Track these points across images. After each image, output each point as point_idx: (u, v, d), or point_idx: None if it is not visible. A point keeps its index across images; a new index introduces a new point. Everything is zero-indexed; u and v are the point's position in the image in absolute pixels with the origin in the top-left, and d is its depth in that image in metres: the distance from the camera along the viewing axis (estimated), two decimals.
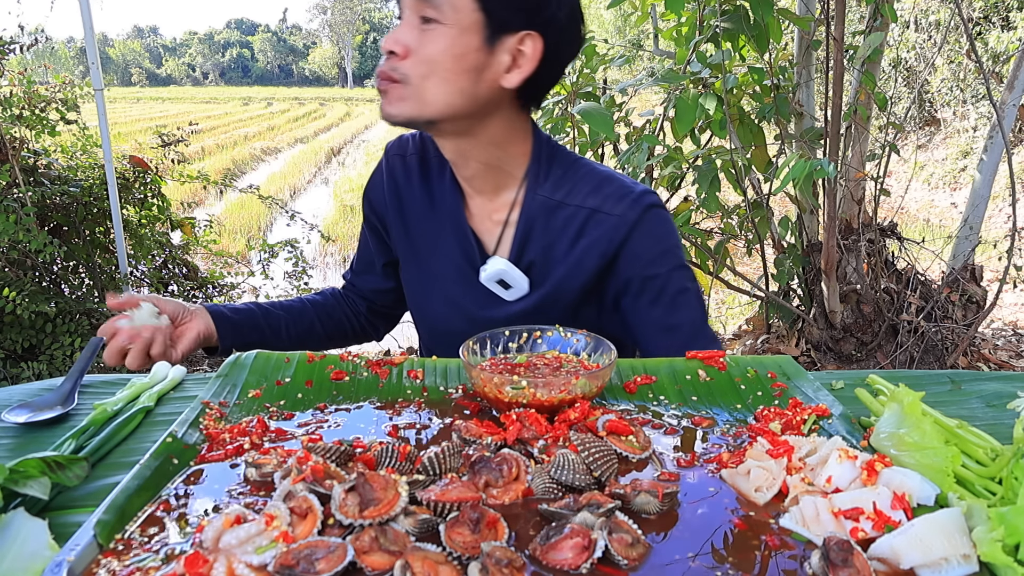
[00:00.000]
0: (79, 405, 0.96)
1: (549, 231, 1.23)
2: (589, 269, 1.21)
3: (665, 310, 1.22)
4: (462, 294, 1.29)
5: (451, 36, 1.09)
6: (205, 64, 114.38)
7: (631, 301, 1.23)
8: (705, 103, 2.77)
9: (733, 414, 0.91)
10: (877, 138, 3.97)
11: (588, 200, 1.21)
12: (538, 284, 1.24)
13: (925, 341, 3.47)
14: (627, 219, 1.19)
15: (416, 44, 1.10)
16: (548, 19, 1.12)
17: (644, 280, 1.21)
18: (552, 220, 1.22)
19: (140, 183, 3.92)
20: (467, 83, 1.12)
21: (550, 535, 0.63)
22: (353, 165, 13.78)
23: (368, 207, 1.40)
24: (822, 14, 3.16)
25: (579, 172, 1.24)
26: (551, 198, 1.22)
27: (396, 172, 1.35)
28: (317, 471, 0.68)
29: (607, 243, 1.20)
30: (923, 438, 0.74)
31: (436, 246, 1.31)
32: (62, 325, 3.43)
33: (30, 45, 3.69)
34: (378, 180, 1.38)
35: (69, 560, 0.59)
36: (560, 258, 1.23)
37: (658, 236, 1.21)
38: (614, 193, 1.21)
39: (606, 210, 1.20)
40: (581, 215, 1.21)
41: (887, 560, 0.62)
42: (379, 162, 1.39)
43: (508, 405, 0.87)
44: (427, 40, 1.09)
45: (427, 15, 1.09)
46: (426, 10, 1.09)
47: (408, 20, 1.11)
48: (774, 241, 3.53)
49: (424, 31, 1.09)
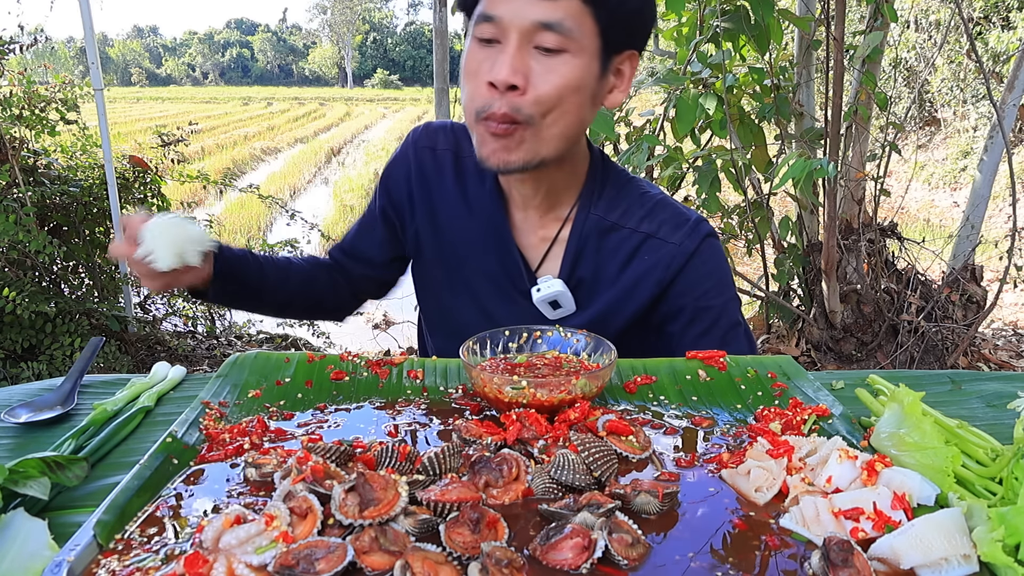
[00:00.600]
0: (79, 405, 0.96)
1: (601, 252, 1.20)
2: (643, 297, 1.19)
3: (716, 344, 1.17)
4: (499, 307, 1.25)
5: (579, 67, 1.02)
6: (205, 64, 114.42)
7: (680, 329, 1.21)
8: (705, 103, 2.77)
9: (733, 414, 0.91)
10: (877, 138, 3.97)
11: (643, 225, 1.19)
12: (583, 305, 1.21)
13: (925, 341, 3.47)
14: (685, 248, 1.17)
15: (538, 77, 1.02)
16: (647, 36, 1.12)
17: (697, 310, 1.19)
18: (604, 241, 1.20)
19: (140, 183, 3.92)
20: (586, 114, 1.08)
21: (550, 535, 0.63)
22: (353, 165, 13.78)
23: (386, 198, 1.31)
24: (822, 14, 3.16)
25: (633, 193, 1.22)
26: (605, 219, 1.20)
27: (426, 166, 1.27)
28: (317, 471, 0.68)
29: (663, 271, 1.18)
30: (923, 438, 0.74)
31: (470, 254, 1.25)
32: (62, 325, 3.43)
33: (30, 45, 3.69)
34: (403, 171, 1.29)
35: (69, 560, 0.59)
36: (609, 280, 1.21)
37: (713, 267, 1.20)
38: (670, 220, 1.19)
39: (662, 236, 1.18)
40: (635, 239, 1.19)
41: (887, 560, 0.62)
42: (402, 150, 1.31)
43: (508, 405, 0.87)
44: (553, 72, 1.01)
45: (548, 45, 1.01)
46: (549, 39, 1.00)
47: (520, 49, 1.01)
48: (774, 241, 3.53)
49: (545, 62, 1.01)
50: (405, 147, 1.31)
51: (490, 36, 1.03)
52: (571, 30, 1.01)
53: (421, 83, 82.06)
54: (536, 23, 1.00)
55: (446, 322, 1.34)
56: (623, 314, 1.21)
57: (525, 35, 1.01)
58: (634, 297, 1.20)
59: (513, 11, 1.01)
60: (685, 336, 1.20)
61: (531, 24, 1.00)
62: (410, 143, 1.30)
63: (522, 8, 1.00)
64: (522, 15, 1.00)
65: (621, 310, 1.21)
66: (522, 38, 1.01)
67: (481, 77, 1.04)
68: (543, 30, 1.00)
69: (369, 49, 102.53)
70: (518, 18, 1.01)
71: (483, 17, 1.03)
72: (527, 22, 1.00)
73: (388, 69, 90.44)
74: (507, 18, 1.01)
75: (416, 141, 1.29)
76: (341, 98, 44.68)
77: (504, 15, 1.01)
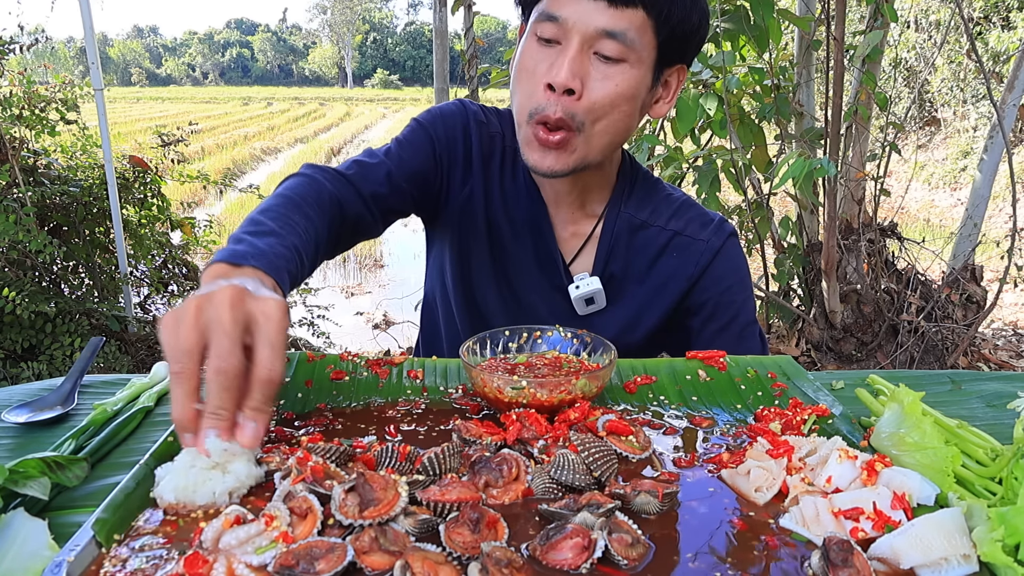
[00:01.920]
0: (79, 405, 0.95)
1: (631, 249, 1.24)
2: (675, 292, 1.23)
3: (733, 340, 1.22)
4: (529, 297, 1.26)
5: (635, 77, 1.04)
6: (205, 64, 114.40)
7: (700, 323, 1.24)
8: (706, 103, 2.77)
9: (733, 414, 0.91)
10: (877, 138, 3.97)
11: (671, 223, 1.23)
12: (614, 300, 1.24)
13: (925, 341, 3.47)
14: (712, 245, 1.22)
15: (594, 83, 1.02)
16: (699, 45, 1.12)
17: (718, 305, 1.23)
18: (634, 239, 1.24)
19: (140, 183, 3.92)
20: (633, 122, 1.09)
21: (550, 535, 0.63)
22: None
23: (441, 144, 1.21)
24: (822, 14, 3.16)
25: (660, 194, 1.26)
26: (635, 216, 1.23)
27: (484, 141, 1.23)
28: (317, 471, 0.68)
29: (693, 266, 1.22)
30: (923, 438, 0.74)
31: (510, 242, 1.25)
32: (62, 325, 3.43)
33: (30, 45, 3.69)
34: (460, 134, 1.22)
35: (69, 560, 0.59)
36: (639, 276, 1.24)
37: (737, 264, 1.25)
38: (696, 219, 1.24)
39: (690, 234, 1.23)
40: (664, 236, 1.23)
41: (887, 560, 0.62)
42: (458, 113, 1.24)
43: (508, 405, 0.87)
44: (609, 80, 1.02)
45: (608, 53, 1.01)
46: (610, 47, 1.01)
47: (580, 53, 1.01)
48: (774, 241, 3.53)
49: (603, 69, 1.02)
50: (462, 113, 1.25)
51: (551, 36, 1.03)
52: (633, 40, 1.01)
53: (421, 83, 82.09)
54: (600, 30, 1.00)
55: (471, 305, 1.30)
56: (655, 311, 1.24)
57: (587, 40, 1.01)
58: (665, 294, 1.23)
59: (579, 15, 1.00)
60: (704, 330, 1.24)
61: (595, 30, 1.00)
62: (469, 114, 1.24)
63: (588, 13, 1.00)
64: (587, 20, 1.00)
65: (653, 307, 1.24)
66: (584, 42, 1.01)
67: (538, 77, 1.04)
68: (606, 38, 1.01)
69: (369, 49, 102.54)
70: (582, 23, 1.00)
71: (546, 15, 1.03)
72: (591, 28, 1.00)
73: (388, 69, 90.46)
74: (571, 20, 1.01)
75: (475, 115, 1.25)
76: (341, 98, 44.68)
77: (569, 17, 1.01)
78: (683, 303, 1.24)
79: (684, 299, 1.24)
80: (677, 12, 1.03)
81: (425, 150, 1.22)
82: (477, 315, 1.30)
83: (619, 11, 1.00)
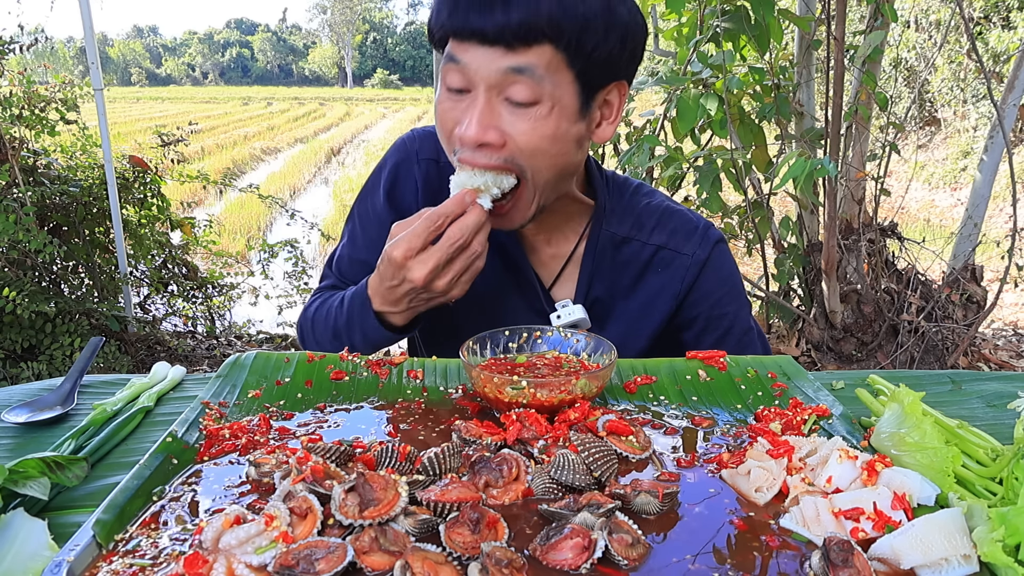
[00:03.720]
0: (79, 405, 0.95)
1: (615, 266, 1.20)
2: (663, 311, 1.19)
3: (731, 350, 1.17)
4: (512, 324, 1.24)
5: (556, 116, 0.97)
6: (205, 64, 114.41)
7: (694, 337, 1.21)
8: (706, 103, 2.77)
9: (733, 414, 0.91)
10: (877, 138, 3.97)
11: (654, 236, 1.19)
12: (601, 323, 1.20)
13: (925, 341, 3.47)
14: (697, 258, 1.18)
15: (513, 129, 0.97)
16: (633, 61, 1.05)
17: (711, 319, 1.20)
18: (618, 255, 1.20)
19: (140, 183, 3.92)
20: (572, 156, 1.04)
21: (550, 535, 0.63)
22: (353, 165, 13.78)
23: (395, 212, 1.22)
24: (822, 14, 3.16)
25: (640, 203, 1.21)
26: (617, 233, 1.19)
27: (432, 180, 1.20)
28: (317, 471, 0.68)
29: (679, 283, 1.18)
30: (923, 438, 0.74)
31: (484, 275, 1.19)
32: (62, 325, 3.43)
33: (30, 45, 3.69)
34: (409, 186, 1.22)
35: (69, 560, 0.59)
36: (623, 293, 1.20)
37: (726, 274, 1.21)
38: (680, 229, 1.19)
39: (673, 247, 1.18)
40: (647, 251, 1.19)
41: (887, 560, 0.62)
42: (401, 159, 1.23)
43: (508, 405, 0.87)
44: (527, 126, 0.97)
45: (519, 99, 0.96)
46: (520, 92, 0.95)
47: (488, 106, 0.97)
48: (774, 241, 3.53)
49: (519, 115, 0.97)
50: (405, 157, 1.24)
51: (459, 86, 0.98)
52: (542, 78, 0.95)
53: (421, 83, 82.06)
54: (505, 70, 0.95)
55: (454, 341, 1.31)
56: (644, 330, 1.20)
57: (494, 87, 0.96)
58: (653, 312, 1.20)
59: (480, 60, 0.95)
60: (700, 344, 1.20)
61: (500, 74, 0.95)
62: (412, 154, 1.23)
63: (490, 58, 0.95)
64: (489, 66, 0.95)
65: (641, 326, 1.20)
66: (491, 90, 0.96)
67: (448, 127, 1.01)
68: (513, 80, 0.95)
69: (369, 49, 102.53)
70: (484, 69, 0.95)
71: (449, 56, 0.98)
72: (494, 74, 0.95)
73: (388, 69, 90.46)
74: (473, 67, 0.96)
75: (418, 152, 1.23)
76: (341, 98, 44.67)
77: (471, 63, 0.96)
78: (673, 320, 1.21)
79: (674, 316, 1.21)
80: (590, 40, 0.96)
81: (375, 233, 1.24)
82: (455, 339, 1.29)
83: (521, 53, 0.94)
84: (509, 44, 0.94)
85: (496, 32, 0.93)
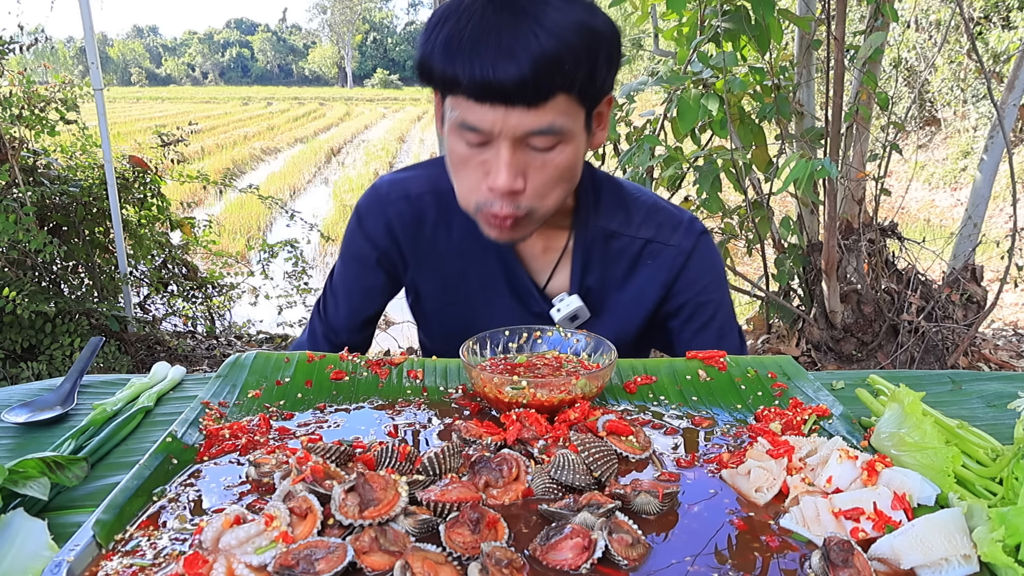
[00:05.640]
0: (79, 405, 0.95)
1: (605, 260, 1.23)
2: (652, 300, 1.23)
3: (713, 338, 1.23)
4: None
5: (573, 149, 1.02)
6: (205, 64, 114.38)
7: (680, 324, 1.25)
8: (706, 103, 2.77)
9: (733, 414, 0.91)
10: (878, 138, 3.97)
11: (642, 231, 1.22)
12: (594, 311, 1.23)
13: (926, 341, 3.47)
14: (683, 248, 1.22)
15: (535, 174, 1.01)
16: (617, 70, 1.06)
17: (697, 305, 1.23)
18: (608, 249, 1.23)
19: (140, 183, 3.92)
20: (577, 172, 1.08)
21: (550, 535, 0.63)
22: (353, 165, 13.78)
23: (376, 252, 1.26)
24: (823, 14, 3.15)
25: (626, 200, 1.25)
26: (606, 228, 1.22)
27: (405, 217, 1.23)
28: (317, 471, 0.68)
29: (667, 272, 1.22)
30: (924, 438, 0.74)
31: (479, 290, 1.24)
32: (62, 325, 3.43)
33: (30, 45, 3.69)
34: (379, 230, 1.25)
35: (69, 560, 0.59)
36: (615, 285, 1.24)
37: (711, 263, 1.25)
38: (666, 222, 1.23)
39: (661, 240, 1.22)
40: (636, 245, 1.22)
41: (888, 560, 0.62)
42: (370, 209, 1.26)
43: (508, 405, 0.87)
44: (549, 165, 1.01)
45: (544, 145, 0.99)
46: (543, 140, 0.98)
47: (514, 156, 0.98)
48: (774, 241, 3.52)
49: (542, 158, 1.00)
50: (371, 207, 1.25)
51: (478, 141, 0.99)
52: (563, 126, 0.97)
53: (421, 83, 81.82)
54: (527, 131, 0.96)
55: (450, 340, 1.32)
56: (636, 319, 1.24)
57: (518, 140, 0.97)
58: (643, 301, 1.23)
59: (502, 123, 0.95)
60: (684, 331, 1.25)
61: (523, 133, 0.96)
62: (378, 202, 1.25)
63: (512, 119, 0.95)
64: (513, 126, 0.95)
65: (633, 316, 1.24)
66: (515, 142, 0.97)
67: (476, 178, 1.02)
68: (536, 136, 0.97)
69: (369, 49, 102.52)
70: (508, 128, 0.95)
71: (467, 126, 0.97)
72: (519, 132, 0.96)
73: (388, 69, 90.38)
74: (496, 129, 0.96)
75: (385, 197, 1.24)
76: (341, 98, 44.65)
77: (492, 127, 0.96)
78: (662, 308, 1.25)
79: (662, 304, 1.24)
80: (598, 76, 0.99)
81: (363, 278, 1.29)
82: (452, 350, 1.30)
83: (540, 109, 0.95)
84: (530, 102, 0.94)
85: (516, 88, 0.92)
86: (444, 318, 1.31)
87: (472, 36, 0.93)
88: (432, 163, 1.28)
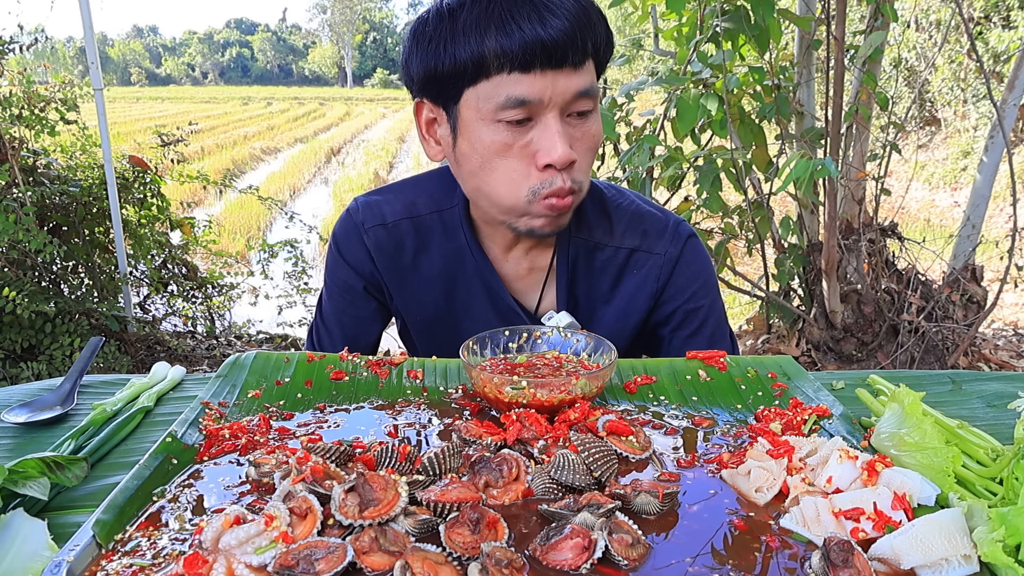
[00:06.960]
0: (79, 405, 0.95)
1: (591, 272, 1.21)
2: (641, 310, 1.21)
3: (704, 344, 1.21)
4: None
5: (598, 116, 1.05)
6: (204, 64, 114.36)
7: (670, 332, 1.23)
8: (706, 103, 2.77)
9: (733, 414, 0.91)
10: (878, 138, 3.97)
11: (626, 240, 1.20)
12: (584, 326, 1.20)
13: (926, 341, 3.47)
14: (670, 256, 1.20)
15: (578, 143, 1.02)
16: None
17: (687, 312, 1.22)
18: (592, 261, 1.21)
19: (140, 183, 3.92)
20: None
21: (550, 535, 0.63)
22: (353, 165, 13.78)
23: (362, 280, 1.25)
24: (822, 14, 3.15)
25: (608, 208, 1.22)
26: (588, 239, 1.20)
27: (384, 245, 1.21)
28: (317, 471, 0.68)
29: (654, 282, 1.20)
30: (924, 438, 0.74)
31: (464, 315, 1.23)
32: (62, 325, 3.43)
33: (30, 45, 3.69)
34: (360, 257, 1.23)
35: (69, 560, 0.59)
36: (603, 298, 1.22)
37: (698, 268, 1.22)
38: (651, 229, 1.21)
39: (646, 249, 1.20)
40: (621, 255, 1.20)
41: (888, 560, 0.62)
42: (342, 240, 1.24)
43: (508, 405, 0.87)
44: (587, 133, 1.03)
45: (584, 109, 1.01)
46: (583, 104, 1.01)
47: (563, 126, 1.00)
48: (774, 241, 3.52)
49: (582, 126, 1.02)
50: (349, 234, 1.24)
51: (522, 117, 0.99)
52: (595, 90, 1.02)
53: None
54: (575, 94, 0.99)
55: None
56: (625, 330, 1.22)
57: (564, 108, 1.00)
58: (632, 312, 1.22)
59: (552, 88, 0.97)
60: (675, 338, 1.23)
61: (572, 96, 0.99)
62: (355, 229, 1.23)
63: (561, 83, 0.97)
64: (563, 90, 0.98)
65: (623, 326, 1.22)
66: (562, 111, 1.00)
67: (525, 161, 1.01)
68: (580, 98, 1.00)
69: (369, 49, 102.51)
70: (558, 95, 0.98)
71: (513, 102, 0.97)
72: (568, 96, 0.98)
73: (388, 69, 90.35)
74: (546, 96, 0.97)
75: (361, 224, 1.22)
76: (341, 98, 44.65)
77: (542, 95, 0.97)
78: (651, 317, 1.23)
79: (651, 313, 1.23)
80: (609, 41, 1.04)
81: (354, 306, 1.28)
82: None
83: (582, 70, 0.99)
84: (576, 62, 0.98)
85: (568, 43, 0.95)
86: (431, 345, 1.28)
87: (502, 8, 0.95)
88: (402, 186, 1.26)
